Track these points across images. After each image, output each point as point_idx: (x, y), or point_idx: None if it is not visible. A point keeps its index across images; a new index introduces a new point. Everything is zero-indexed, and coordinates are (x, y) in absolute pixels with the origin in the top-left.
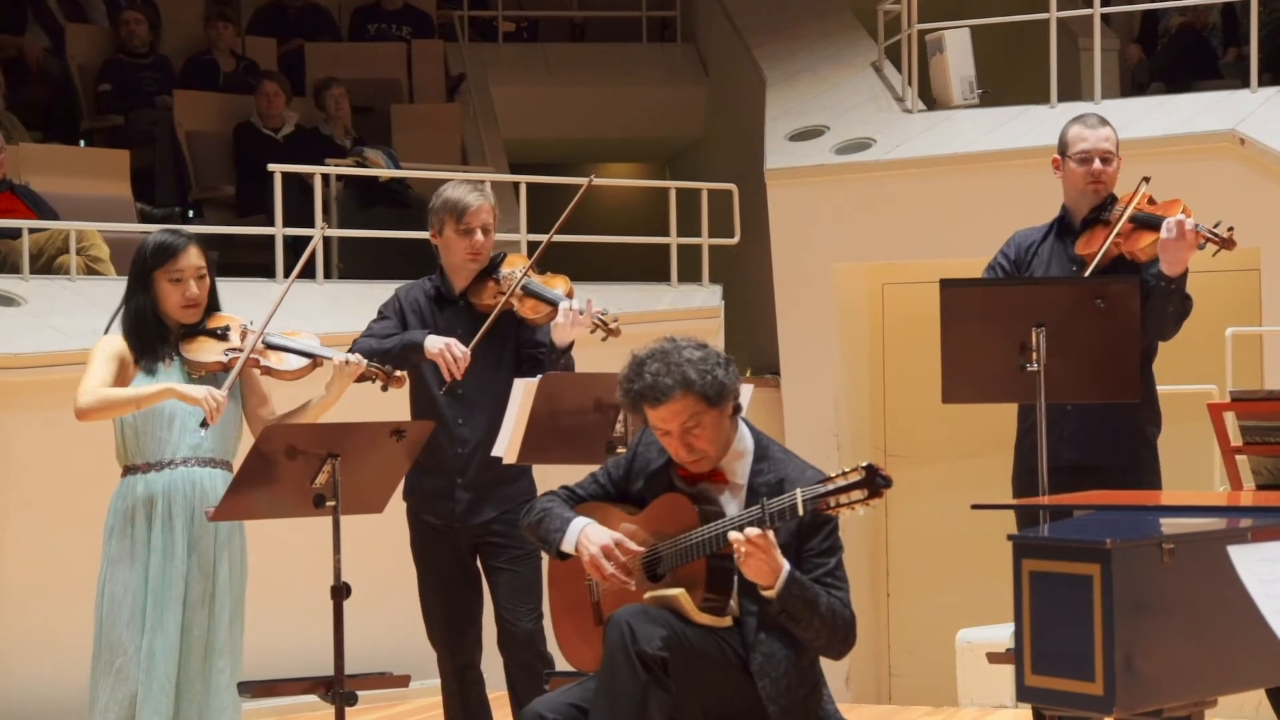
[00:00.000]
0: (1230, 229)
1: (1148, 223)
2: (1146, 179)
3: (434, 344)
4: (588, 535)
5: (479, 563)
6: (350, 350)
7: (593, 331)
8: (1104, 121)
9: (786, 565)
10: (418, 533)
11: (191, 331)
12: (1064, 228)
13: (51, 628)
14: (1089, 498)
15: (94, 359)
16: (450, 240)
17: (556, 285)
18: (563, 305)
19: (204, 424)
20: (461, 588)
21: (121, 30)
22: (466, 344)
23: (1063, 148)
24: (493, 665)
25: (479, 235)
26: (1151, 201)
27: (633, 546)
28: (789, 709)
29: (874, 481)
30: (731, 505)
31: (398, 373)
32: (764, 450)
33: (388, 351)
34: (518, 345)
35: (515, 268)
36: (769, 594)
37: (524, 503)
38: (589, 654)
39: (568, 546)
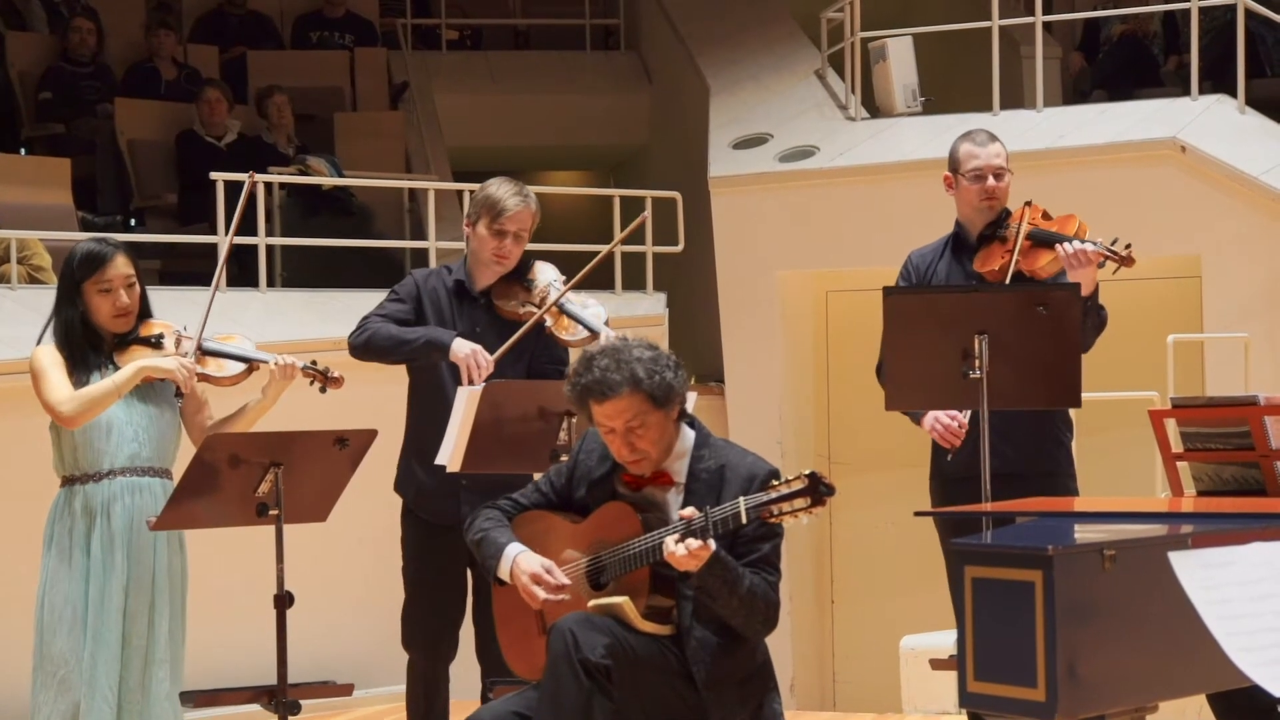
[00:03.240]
0: (1128, 246)
1: (1045, 240)
2: (1029, 203)
3: (462, 348)
4: (518, 565)
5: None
6: (362, 329)
7: None
8: (993, 137)
9: (713, 545)
10: (414, 530)
11: (125, 341)
12: (959, 244)
13: None
14: (1031, 504)
15: (44, 370)
16: (481, 236)
17: (594, 308)
18: (605, 336)
19: (178, 393)
20: (447, 589)
21: (71, 37)
22: (486, 342)
23: (954, 165)
24: (456, 673)
25: (509, 240)
26: (1046, 216)
27: (561, 577)
28: (722, 694)
29: (817, 489)
30: (676, 504)
31: (334, 374)
32: (704, 438)
33: (408, 342)
34: (533, 357)
35: (549, 279)
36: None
37: None
38: (532, 662)
39: (503, 575)
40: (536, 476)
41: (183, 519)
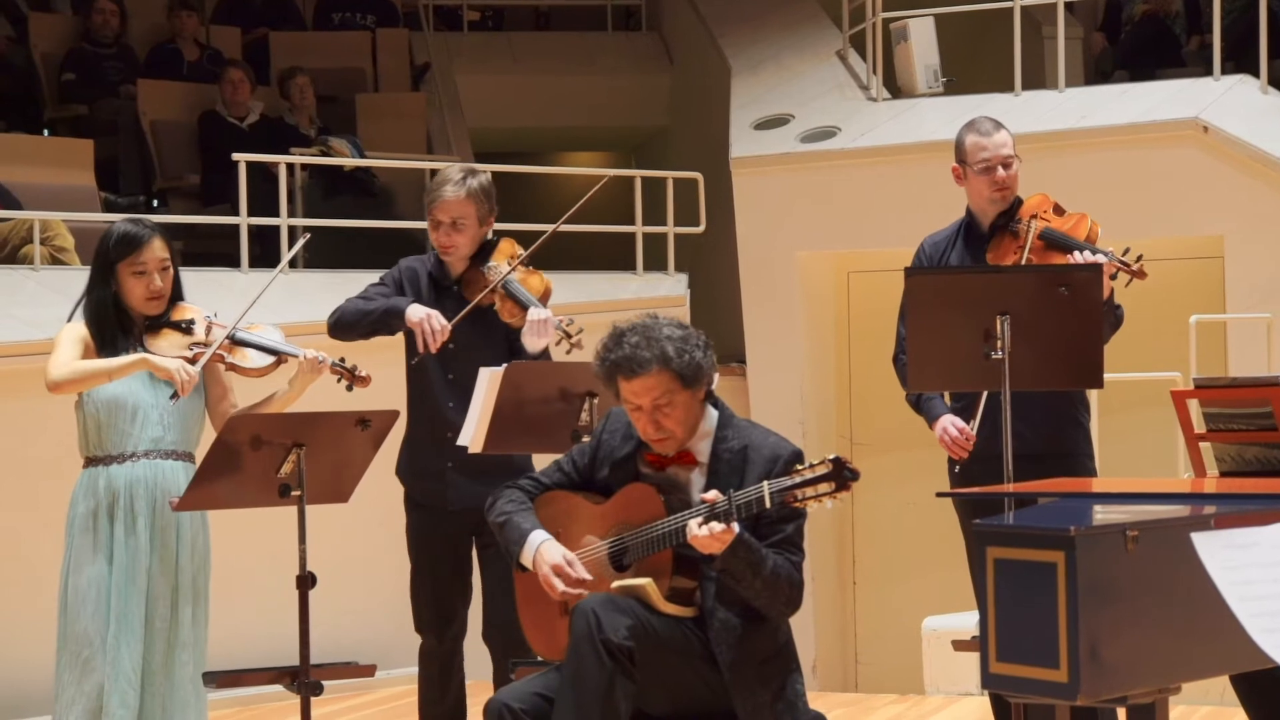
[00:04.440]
0: (1140, 257)
1: (1059, 244)
2: (1035, 216)
3: (415, 312)
4: (541, 555)
5: (475, 548)
6: (338, 309)
7: (557, 344)
8: (999, 125)
9: (736, 528)
10: (412, 513)
11: (155, 323)
12: (971, 233)
13: (16, 617)
14: (1053, 485)
15: (60, 342)
16: (429, 228)
17: (534, 287)
18: (530, 314)
19: (174, 395)
20: (449, 572)
21: (95, 18)
22: (459, 327)
23: (961, 157)
24: (469, 654)
25: (444, 230)
26: (1059, 210)
27: (582, 572)
28: (746, 677)
29: (841, 474)
30: (699, 484)
31: (362, 373)
32: (728, 419)
33: (369, 312)
34: (509, 338)
35: (503, 260)
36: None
37: None
38: (555, 643)
39: (525, 561)
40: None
41: (205, 500)
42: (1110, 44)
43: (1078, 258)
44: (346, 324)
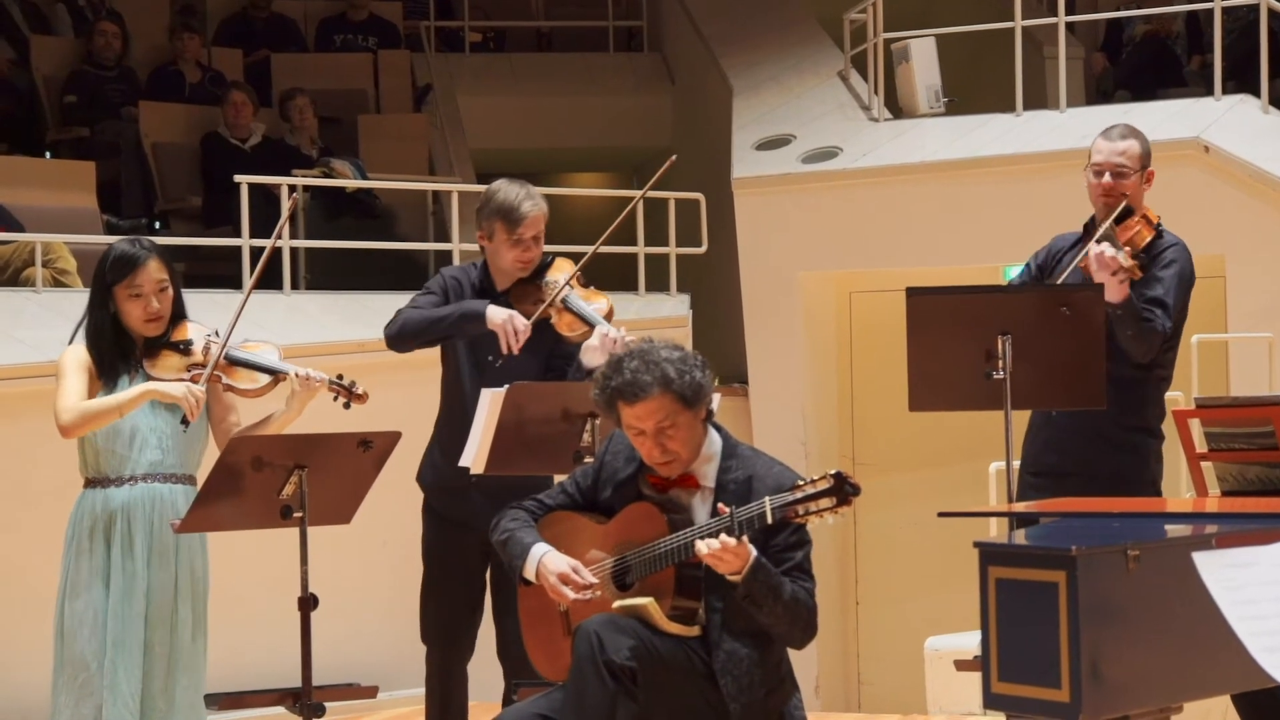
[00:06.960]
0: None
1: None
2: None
3: (497, 314)
4: (545, 565)
5: (490, 564)
6: (394, 321)
7: None
8: (1129, 134)
9: (754, 552)
10: (430, 524)
11: (155, 344)
12: (1087, 234)
13: (15, 639)
14: (1055, 504)
15: (64, 373)
16: (500, 247)
17: (597, 303)
18: (599, 329)
19: (184, 421)
20: (463, 586)
21: (96, 41)
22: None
23: (1088, 156)
24: (475, 674)
25: (524, 247)
26: (1140, 220)
27: (589, 577)
28: (749, 707)
29: (842, 489)
30: (702, 509)
31: (359, 389)
32: (732, 449)
33: (441, 319)
34: (550, 354)
35: (560, 274)
36: (735, 579)
37: None
38: (558, 664)
39: (529, 574)
40: (558, 478)
41: (207, 521)
42: (1111, 64)
43: (1093, 249)
44: (411, 333)
